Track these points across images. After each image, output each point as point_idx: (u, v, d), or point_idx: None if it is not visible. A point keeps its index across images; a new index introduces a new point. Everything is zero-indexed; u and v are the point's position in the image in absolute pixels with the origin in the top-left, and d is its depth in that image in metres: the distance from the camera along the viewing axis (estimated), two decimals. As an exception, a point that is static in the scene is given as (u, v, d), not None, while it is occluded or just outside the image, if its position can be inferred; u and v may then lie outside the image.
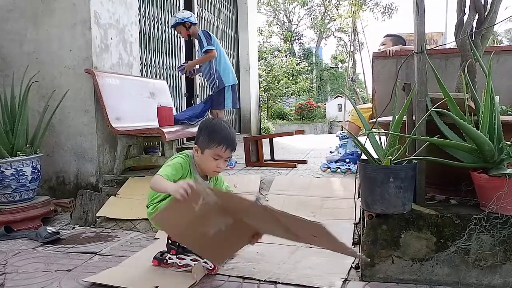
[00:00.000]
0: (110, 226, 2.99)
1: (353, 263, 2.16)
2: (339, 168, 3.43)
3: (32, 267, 2.24)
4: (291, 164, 3.88)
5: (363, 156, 2.09)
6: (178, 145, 5.14)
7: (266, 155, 4.13)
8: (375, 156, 2.03)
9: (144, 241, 2.68)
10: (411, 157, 1.95)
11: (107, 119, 3.43)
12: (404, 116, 2.05)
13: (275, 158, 4.28)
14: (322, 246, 1.94)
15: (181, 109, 5.79)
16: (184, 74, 4.31)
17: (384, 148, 1.98)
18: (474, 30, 2.24)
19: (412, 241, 1.90)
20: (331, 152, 3.72)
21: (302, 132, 4.17)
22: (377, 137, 2.10)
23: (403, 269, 1.92)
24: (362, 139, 3.49)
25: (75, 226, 3.06)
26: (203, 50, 3.93)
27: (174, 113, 4.07)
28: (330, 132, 13.05)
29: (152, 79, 4.56)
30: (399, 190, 1.86)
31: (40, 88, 3.54)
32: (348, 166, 3.41)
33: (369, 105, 3.59)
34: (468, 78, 2.07)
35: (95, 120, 3.55)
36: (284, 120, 13.86)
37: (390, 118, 2.19)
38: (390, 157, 1.83)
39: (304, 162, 4.11)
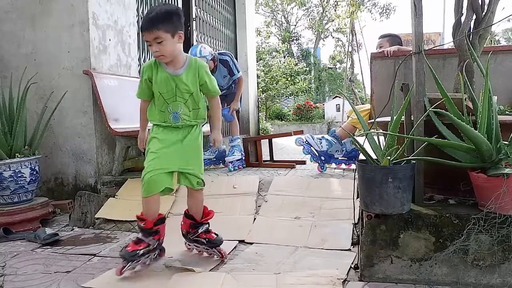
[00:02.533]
0: (109, 227, 2.99)
1: (352, 263, 2.16)
2: (311, 155, 3.58)
3: (31, 269, 2.23)
4: (290, 165, 3.89)
5: (361, 157, 2.10)
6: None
7: (265, 156, 4.14)
8: (374, 157, 2.04)
9: (143, 242, 2.67)
10: (409, 157, 1.95)
11: (105, 120, 3.43)
12: (403, 117, 2.05)
13: (274, 158, 4.28)
14: None
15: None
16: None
17: (382, 149, 1.98)
18: (471, 30, 2.24)
19: (411, 241, 1.91)
20: (311, 135, 3.70)
21: (301, 132, 4.16)
22: (375, 138, 2.10)
23: (402, 269, 1.92)
24: (359, 139, 3.51)
25: (74, 227, 3.06)
26: (236, 77, 3.97)
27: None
28: (328, 133, 13.07)
29: (150, 80, 4.55)
30: (398, 190, 1.86)
31: (38, 90, 3.54)
32: (318, 161, 3.50)
33: (368, 106, 3.59)
34: (466, 78, 2.07)
35: (94, 121, 3.55)
36: (283, 121, 13.87)
37: (388, 119, 2.19)
38: (389, 158, 1.83)
39: (303, 162, 4.12)
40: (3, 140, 3.03)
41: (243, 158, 3.98)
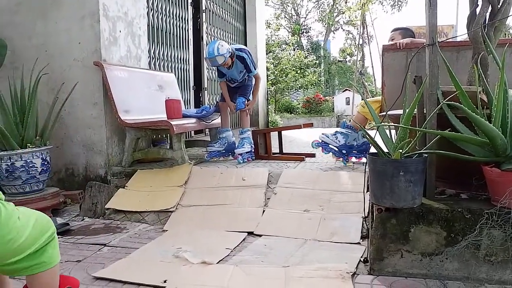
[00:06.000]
0: (119, 218, 3.01)
1: (361, 256, 2.15)
2: (333, 153, 3.53)
3: (42, 258, 2.26)
4: (299, 157, 3.87)
5: (372, 150, 2.08)
6: (186, 138, 5.14)
7: (274, 148, 4.12)
8: (385, 150, 2.01)
9: (153, 233, 2.69)
10: (421, 151, 1.92)
11: (115, 112, 3.44)
12: (414, 110, 2.02)
13: (284, 151, 4.26)
14: None
15: (189, 102, 5.79)
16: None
17: (394, 142, 1.96)
18: (487, 22, 2.20)
19: (421, 236, 1.89)
20: (323, 134, 3.66)
21: (310, 125, 4.15)
22: (387, 131, 2.08)
23: (412, 263, 1.90)
24: (370, 132, 3.47)
25: (84, 217, 3.08)
26: (253, 75, 3.93)
27: (182, 106, 4.07)
28: (337, 126, 13.00)
29: (160, 72, 4.56)
30: (409, 184, 1.84)
31: (49, 81, 3.56)
32: (341, 156, 3.47)
33: (379, 98, 3.55)
34: (480, 70, 2.03)
35: (104, 112, 3.56)
36: (292, 114, 13.82)
37: (400, 112, 2.16)
38: (401, 151, 1.81)
39: (312, 155, 4.10)
40: (15, 131, 3.06)
41: (253, 150, 3.97)
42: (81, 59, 3.56)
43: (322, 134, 3.63)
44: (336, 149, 3.52)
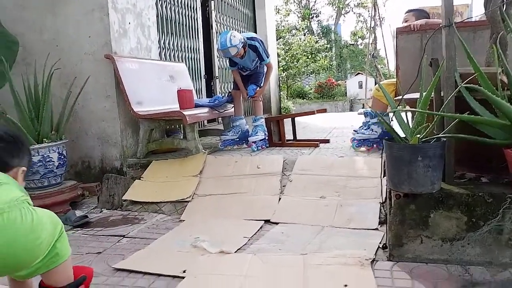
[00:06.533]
0: (136, 209, 3.04)
1: (380, 243, 2.14)
2: (376, 144, 3.42)
3: (63, 251, 2.29)
4: (314, 143, 3.84)
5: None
6: (200, 127, 5.14)
7: (288, 135, 4.10)
8: (402, 135, 1.98)
9: (170, 223, 2.71)
10: (440, 135, 1.88)
11: (128, 104, 3.45)
12: (431, 94, 1.98)
13: (297, 137, 4.24)
14: None
15: (201, 92, 5.78)
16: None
17: (411, 127, 1.92)
18: (505, 1, 2.12)
19: (441, 221, 1.86)
20: (355, 130, 3.63)
21: (324, 110, 4.11)
22: (403, 115, 2.04)
23: (432, 249, 1.88)
24: (386, 117, 3.41)
25: (103, 209, 3.12)
26: (265, 63, 3.90)
27: (194, 96, 4.06)
28: (351, 110, 12.87)
29: (171, 62, 4.54)
30: (428, 169, 1.81)
31: (61, 75, 3.57)
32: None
33: (393, 80, 3.48)
34: (499, 51, 1.97)
35: (117, 105, 3.57)
36: (304, 99, 13.72)
37: (416, 95, 2.12)
38: (418, 136, 1.77)
39: (326, 141, 4.07)
40: (30, 126, 3.09)
41: (266, 138, 3.95)
42: (91, 53, 3.57)
43: (355, 131, 3.55)
44: (377, 141, 3.42)
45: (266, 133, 3.97)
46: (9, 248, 1.23)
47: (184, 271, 1.90)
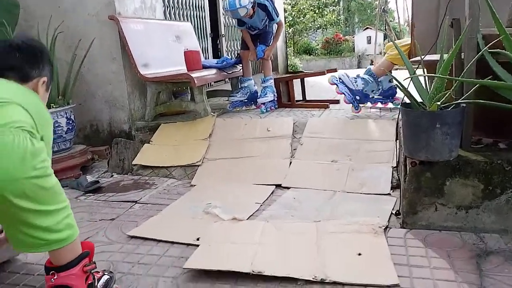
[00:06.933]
0: (147, 173, 3.04)
1: (393, 209, 2.13)
2: (345, 95, 3.35)
3: (77, 217, 2.28)
4: (323, 105, 3.77)
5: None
6: (207, 88, 5.06)
7: (297, 95, 4.02)
8: (418, 99, 1.91)
9: (181, 188, 2.72)
10: (459, 101, 1.81)
11: (134, 67, 3.37)
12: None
13: (307, 98, 4.16)
14: None
15: (208, 51, 5.65)
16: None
17: (429, 92, 1.85)
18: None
19: (457, 189, 1.83)
20: (346, 73, 3.51)
21: (334, 70, 3.99)
22: (420, 79, 1.96)
23: (447, 216, 1.87)
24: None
25: (113, 174, 3.13)
26: (274, 22, 3.77)
27: (201, 57, 3.95)
28: (359, 66, 12.59)
29: (176, 22, 4.40)
30: (446, 136, 1.75)
31: (66, 38, 3.47)
32: (352, 102, 3.34)
33: (406, 41, 3.34)
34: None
35: (123, 67, 3.50)
36: (311, 55, 13.39)
37: (434, 57, 2.03)
38: (438, 103, 1.70)
39: (336, 102, 3.99)
40: (37, 91, 3.04)
41: (275, 99, 3.89)
42: (95, 14, 3.45)
43: (344, 73, 3.48)
44: (350, 93, 3.35)
45: (275, 94, 3.89)
46: None
47: (197, 239, 1.92)
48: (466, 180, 1.82)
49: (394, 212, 2.09)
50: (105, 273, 1.52)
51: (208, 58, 5.85)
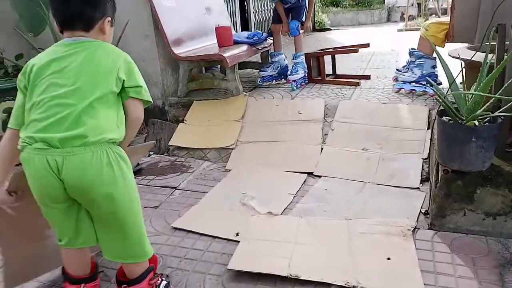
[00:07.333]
0: (183, 154, 3.19)
1: (421, 207, 2.22)
2: (414, 89, 3.30)
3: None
4: (354, 82, 3.76)
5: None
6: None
7: (327, 66, 3.98)
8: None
9: (216, 172, 2.86)
10: (496, 114, 1.82)
11: (168, 45, 3.41)
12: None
13: (336, 70, 4.12)
14: None
15: (235, 14, 5.57)
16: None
17: (467, 103, 1.86)
18: None
19: (487, 197, 1.91)
20: (398, 70, 3.52)
21: (367, 46, 3.93)
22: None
23: (474, 221, 1.95)
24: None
25: (150, 153, 3.29)
26: None
27: (232, 31, 3.93)
28: (388, 20, 12.09)
29: (206, -9, 4.33)
30: (481, 149, 1.80)
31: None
32: (425, 88, 3.27)
33: (444, 20, 3.24)
34: None
35: (156, 45, 3.53)
36: (338, 7, 12.87)
37: (476, 57, 2.01)
38: (475, 122, 1.73)
39: (367, 77, 3.97)
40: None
41: (306, 75, 3.90)
42: (127, -11, 3.44)
43: (396, 70, 3.43)
44: (417, 85, 3.33)
45: (306, 70, 3.90)
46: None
47: (237, 234, 2.07)
48: (497, 189, 1.88)
49: (423, 211, 2.18)
50: (163, 279, 1.69)
51: (235, 18, 5.79)
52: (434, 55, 3.25)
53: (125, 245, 1.47)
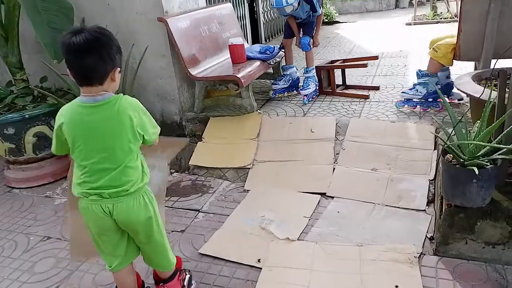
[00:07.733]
0: (202, 173, 3.39)
1: (427, 231, 2.41)
2: (419, 105, 3.46)
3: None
4: (363, 95, 3.90)
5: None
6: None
7: (337, 76, 4.13)
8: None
9: (235, 193, 3.07)
10: (497, 156, 1.98)
11: (184, 67, 3.57)
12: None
13: (346, 79, 4.26)
14: None
15: (245, 18, 5.67)
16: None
17: (469, 144, 2.01)
18: None
19: (487, 228, 2.09)
20: (404, 92, 3.64)
21: (375, 58, 4.06)
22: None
23: (475, 249, 2.15)
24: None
25: (172, 171, 3.50)
26: (317, 15, 3.90)
27: (245, 45, 4.07)
28: (396, 6, 12.02)
29: (217, 6, 4.44)
30: (481, 189, 1.98)
31: (117, 36, 3.64)
32: (430, 105, 3.42)
33: (453, 40, 3.32)
34: None
35: (172, 64, 3.69)
36: (346, -8, 12.80)
37: (482, 93, 2.17)
38: (475, 168, 1.89)
39: (376, 88, 4.11)
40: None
41: (317, 88, 4.05)
42: (143, 13, 3.58)
43: (402, 92, 3.56)
44: (422, 103, 3.47)
45: (317, 82, 4.05)
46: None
47: (258, 260, 2.29)
48: (496, 222, 2.07)
49: (428, 236, 2.37)
50: (187, 273, 2.16)
51: (245, 21, 5.89)
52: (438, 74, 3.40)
53: (157, 258, 1.94)
